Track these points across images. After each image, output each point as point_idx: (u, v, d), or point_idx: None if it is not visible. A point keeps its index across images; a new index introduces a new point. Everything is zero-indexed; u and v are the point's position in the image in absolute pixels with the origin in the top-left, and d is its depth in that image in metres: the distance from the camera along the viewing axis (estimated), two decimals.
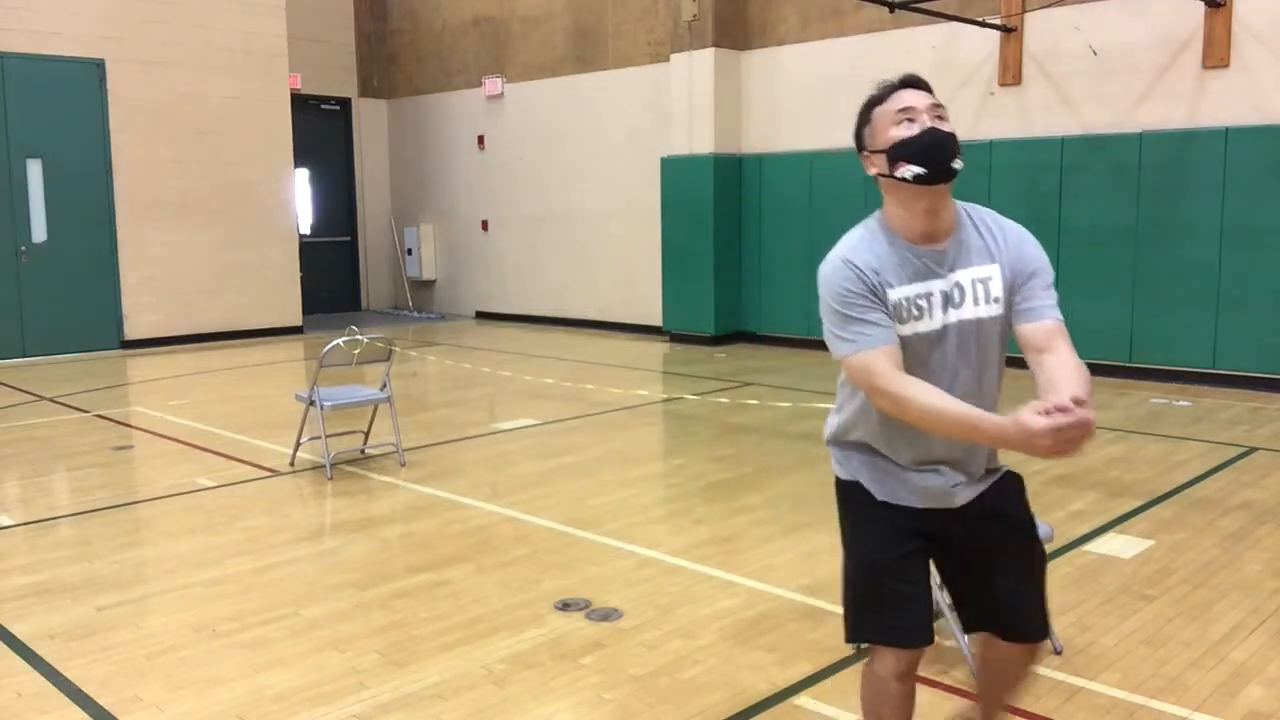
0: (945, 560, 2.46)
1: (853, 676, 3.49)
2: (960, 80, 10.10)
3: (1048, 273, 2.28)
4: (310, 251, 14.95)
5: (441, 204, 15.83)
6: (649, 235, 12.70)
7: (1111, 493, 5.67)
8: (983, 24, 9.77)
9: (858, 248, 2.28)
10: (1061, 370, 2.11)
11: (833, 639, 3.78)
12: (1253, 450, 6.63)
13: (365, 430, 6.76)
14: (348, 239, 16.44)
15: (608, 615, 4.03)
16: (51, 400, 9.06)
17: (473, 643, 3.79)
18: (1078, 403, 1.92)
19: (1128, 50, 9.19)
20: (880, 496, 2.41)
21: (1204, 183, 8.77)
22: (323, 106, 15.80)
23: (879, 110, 2.27)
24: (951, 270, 2.25)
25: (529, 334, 13.52)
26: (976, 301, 2.25)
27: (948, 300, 2.25)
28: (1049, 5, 9.45)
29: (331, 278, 15.96)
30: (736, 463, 6.54)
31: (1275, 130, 8.45)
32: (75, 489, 6.22)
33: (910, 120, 2.21)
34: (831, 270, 2.28)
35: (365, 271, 16.59)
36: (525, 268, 14.65)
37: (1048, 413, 1.91)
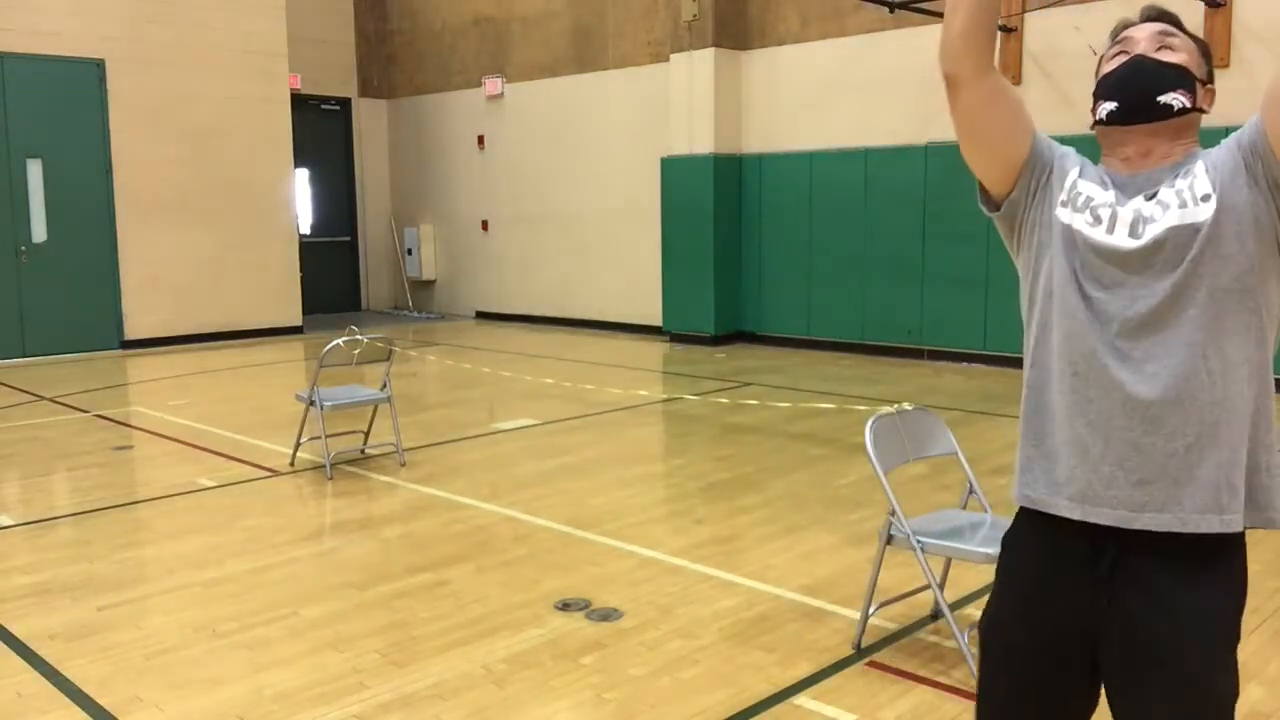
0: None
1: (853, 676, 3.50)
2: None
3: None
4: (310, 251, 14.94)
5: (441, 204, 15.83)
6: (649, 235, 12.70)
7: None
8: None
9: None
10: None
11: (833, 639, 3.79)
12: None
13: (365, 430, 6.76)
14: (348, 239, 16.43)
15: (608, 615, 4.03)
16: (51, 400, 9.05)
17: (473, 643, 3.79)
18: None
19: None
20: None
21: None
22: (323, 106, 15.79)
23: (1106, 52, 1.87)
24: (1153, 193, 1.74)
25: (529, 334, 13.52)
26: (1184, 204, 1.69)
27: (1142, 223, 1.72)
28: (1049, 5, 9.45)
29: (331, 278, 15.95)
30: (736, 463, 6.54)
31: None
32: (75, 489, 6.22)
33: (1124, 53, 1.81)
34: None
35: (365, 271, 16.59)
36: (525, 268, 14.65)
37: None
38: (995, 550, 3.36)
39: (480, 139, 15.00)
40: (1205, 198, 1.68)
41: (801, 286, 11.58)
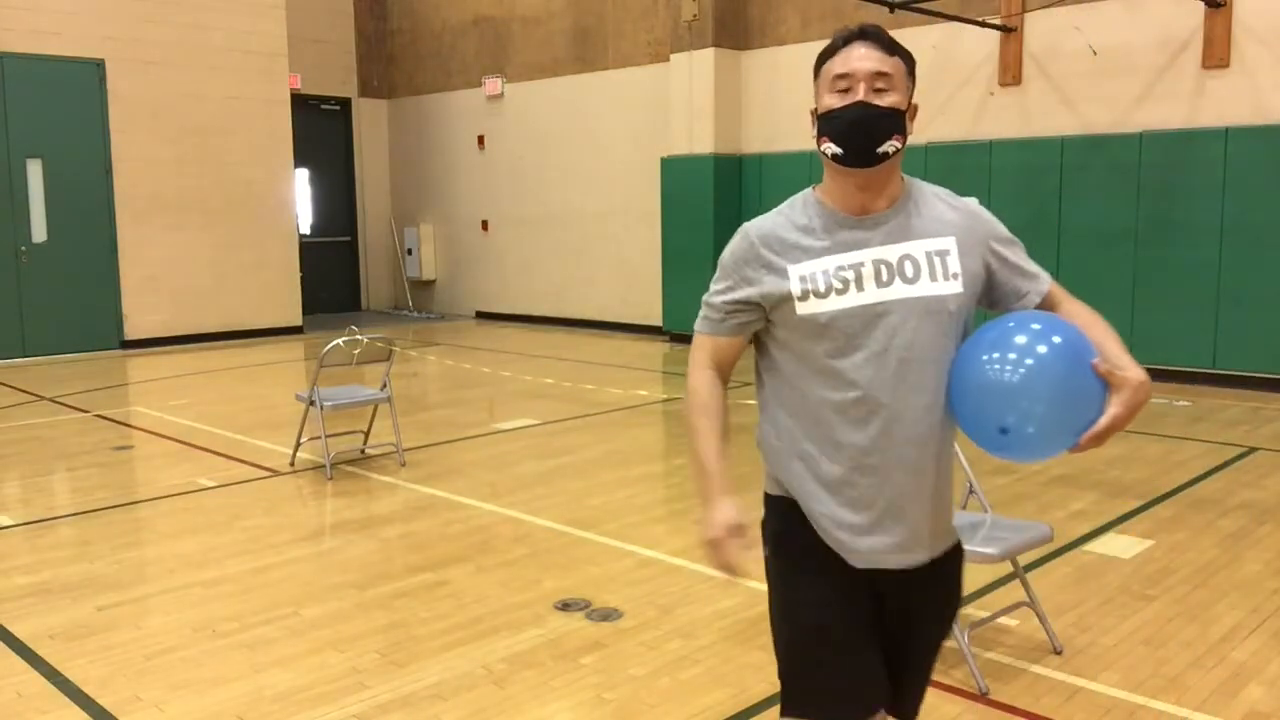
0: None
1: None
2: (960, 80, 10.09)
3: (1013, 239, 2.06)
4: (310, 251, 14.95)
5: (441, 204, 15.83)
6: (649, 235, 12.70)
7: (1111, 493, 5.67)
8: (983, 24, 9.77)
9: (770, 216, 2.13)
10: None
11: None
12: (1253, 450, 6.63)
13: (365, 430, 6.76)
14: (348, 239, 16.43)
15: (608, 615, 4.03)
16: (51, 400, 9.05)
17: (473, 643, 3.79)
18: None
19: (1128, 50, 9.19)
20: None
21: (1204, 183, 8.77)
22: (323, 106, 15.80)
23: (825, 68, 1.97)
24: (894, 239, 1.95)
25: (529, 334, 13.52)
26: (934, 277, 1.93)
27: (890, 271, 1.94)
28: (1049, 5, 9.45)
29: (331, 278, 15.96)
30: (736, 463, 6.47)
31: (1275, 130, 8.45)
32: (75, 489, 6.22)
33: (848, 90, 1.91)
34: (734, 236, 2.14)
35: (365, 271, 16.59)
36: (525, 268, 14.65)
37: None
38: (995, 550, 3.38)
39: (480, 139, 15.00)
40: (955, 276, 1.95)
41: None
